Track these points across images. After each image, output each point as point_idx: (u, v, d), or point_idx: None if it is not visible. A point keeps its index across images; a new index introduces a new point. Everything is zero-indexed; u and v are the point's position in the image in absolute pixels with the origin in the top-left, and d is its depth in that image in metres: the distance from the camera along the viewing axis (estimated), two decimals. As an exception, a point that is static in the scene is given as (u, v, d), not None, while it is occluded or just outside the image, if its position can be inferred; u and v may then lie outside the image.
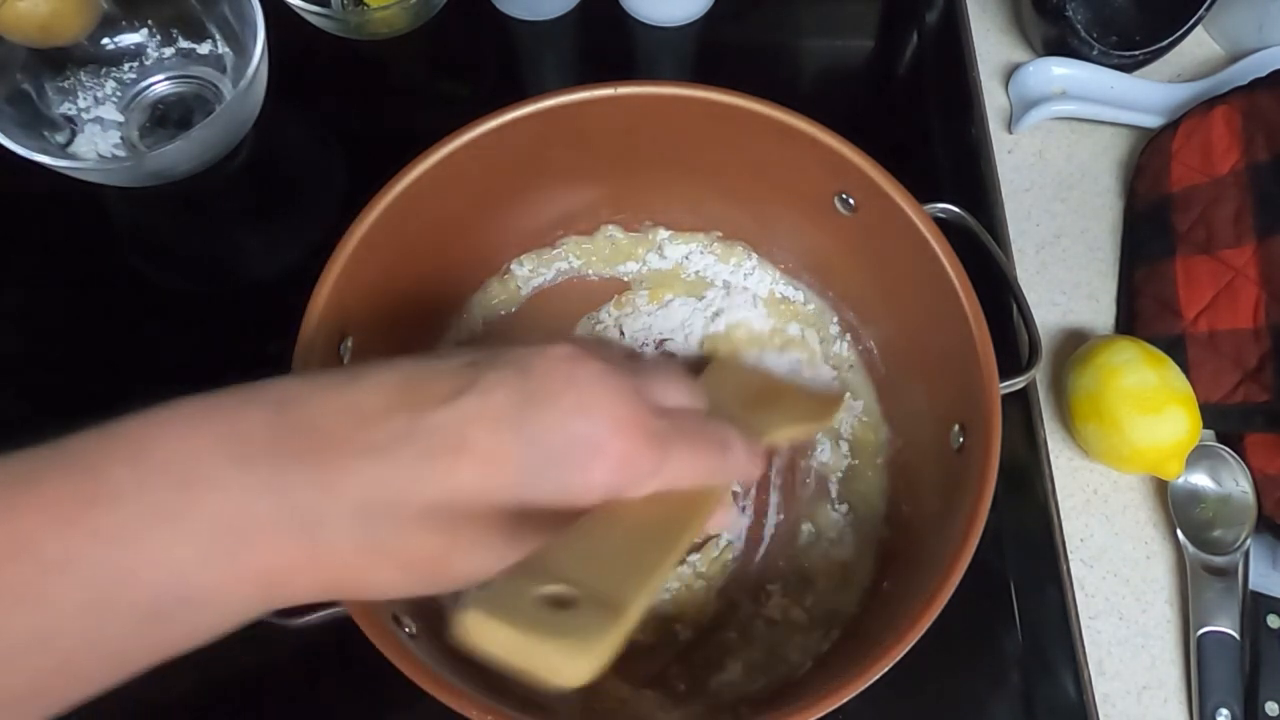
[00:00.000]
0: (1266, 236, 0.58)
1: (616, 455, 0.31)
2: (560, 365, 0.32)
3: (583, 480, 0.31)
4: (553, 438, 0.30)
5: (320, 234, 0.50)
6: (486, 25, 0.72)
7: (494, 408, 0.30)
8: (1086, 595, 0.56)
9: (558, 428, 0.31)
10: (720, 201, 0.58)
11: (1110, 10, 0.70)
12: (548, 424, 0.31)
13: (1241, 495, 0.57)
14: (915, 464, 0.53)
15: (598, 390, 0.31)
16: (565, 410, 0.31)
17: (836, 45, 0.74)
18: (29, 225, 0.65)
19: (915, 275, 0.50)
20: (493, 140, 0.50)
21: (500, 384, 0.31)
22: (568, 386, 0.31)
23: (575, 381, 0.31)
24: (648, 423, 0.32)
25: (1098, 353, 0.57)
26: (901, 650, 0.40)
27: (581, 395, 0.31)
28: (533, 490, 0.30)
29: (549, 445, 0.30)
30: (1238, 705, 0.52)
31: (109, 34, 0.65)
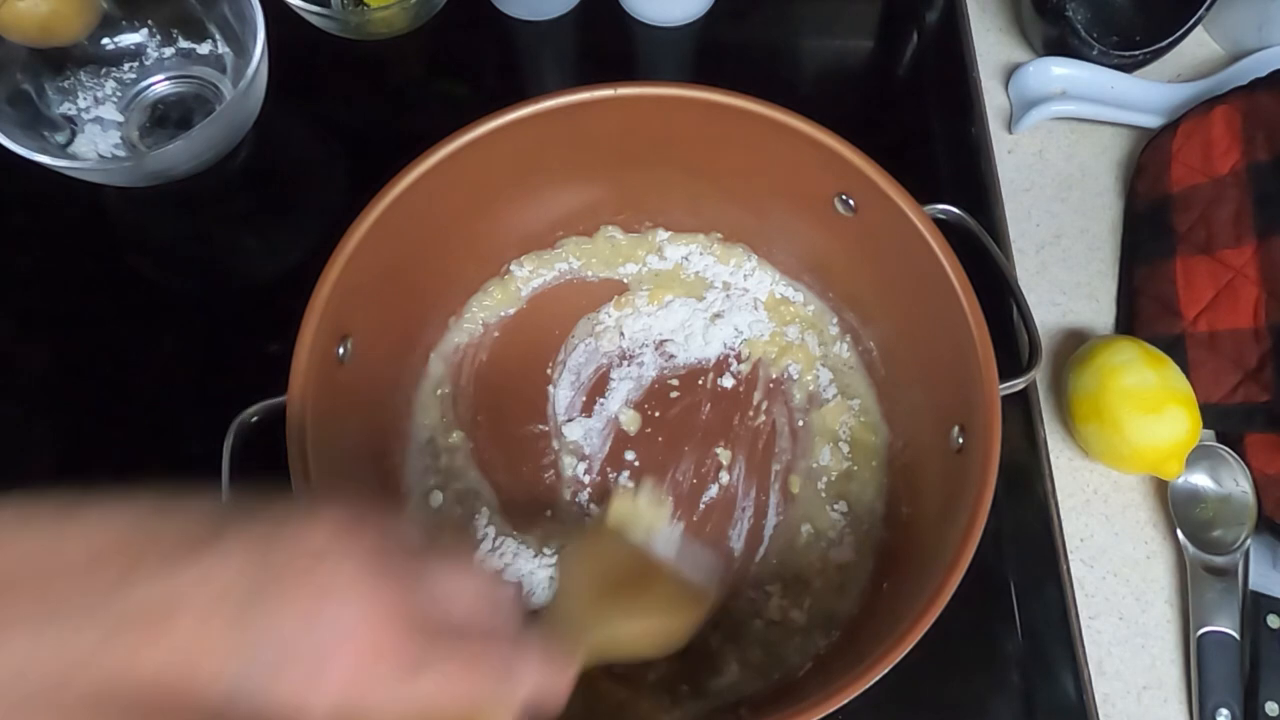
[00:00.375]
0: (1266, 236, 0.58)
1: (350, 668, 0.26)
2: (313, 543, 0.26)
3: (300, 695, 0.25)
4: (273, 636, 0.25)
5: (320, 234, 0.50)
6: (486, 25, 0.72)
7: (213, 586, 0.25)
8: (1086, 595, 0.56)
9: (282, 624, 0.25)
10: (720, 202, 0.58)
11: (1110, 10, 0.70)
12: (272, 617, 0.25)
13: (1241, 495, 0.57)
14: (915, 465, 0.53)
15: (346, 583, 0.26)
16: (301, 601, 0.26)
17: (836, 45, 0.74)
18: (29, 225, 0.65)
19: (915, 276, 0.50)
20: (493, 140, 0.50)
21: (233, 556, 0.26)
22: (311, 572, 0.26)
23: (322, 567, 0.26)
24: (400, 632, 0.26)
25: (1098, 353, 0.57)
26: (902, 651, 0.40)
27: (328, 585, 0.26)
28: (239, 696, 0.25)
29: (267, 644, 0.25)
30: (1238, 705, 0.52)
31: (109, 34, 0.65)
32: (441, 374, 0.58)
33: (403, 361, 0.56)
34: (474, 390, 0.58)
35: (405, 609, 0.27)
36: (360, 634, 0.26)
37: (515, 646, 0.30)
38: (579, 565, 0.43)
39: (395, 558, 0.28)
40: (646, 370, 0.59)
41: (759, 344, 0.59)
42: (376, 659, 0.26)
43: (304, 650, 0.25)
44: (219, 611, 0.25)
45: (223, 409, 0.47)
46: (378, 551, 0.27)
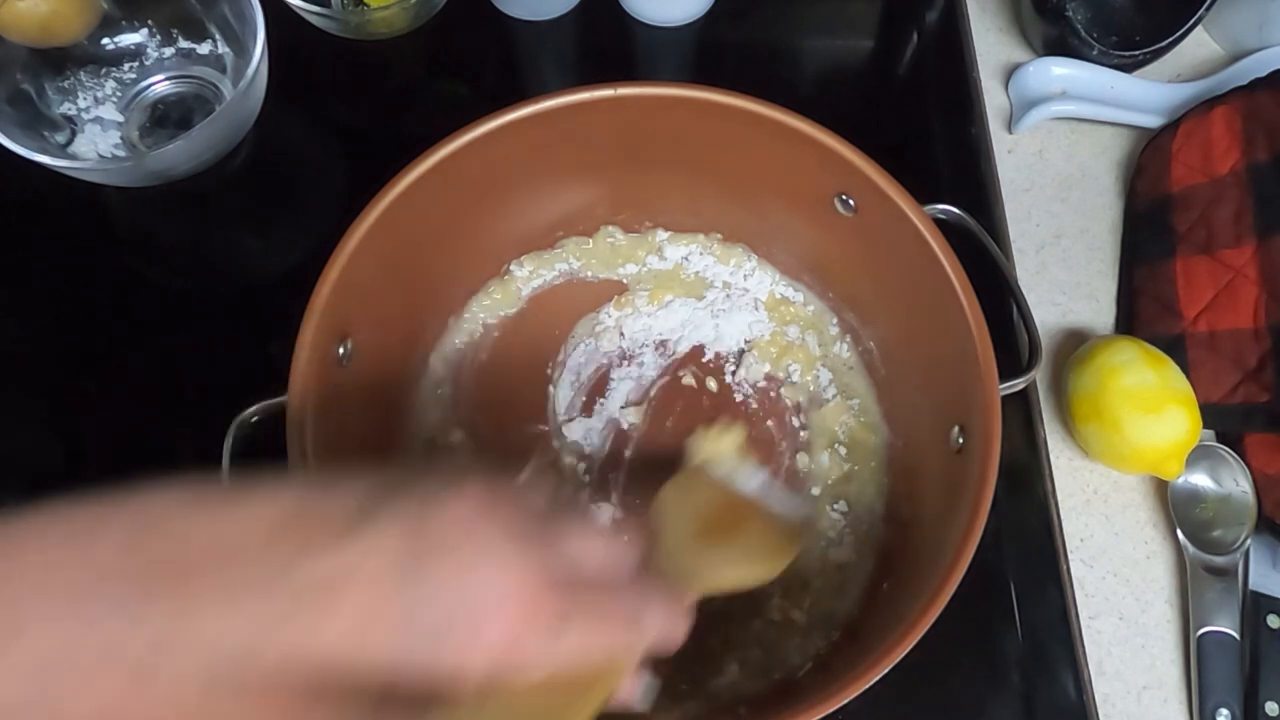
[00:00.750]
0: (1266, 236, 0.58)
1: (505, 629, 0.28)
2: (461, 516, 0.28)
3: (461, 656, 0.27)
4: (435, 604, 0.27)
5: (320, 234, 0.50)
6: (486, 25, 0.72)
7: (378, 557, 0.27)
8: (1086, 595, 0.56)
9: (442, 593, 0.27)
10: (720, 202, 0.58)
11: (1110, 10, 0.70)
12: (432, 586, 0.27)
13: (1241, 495, 0.57)
14: (915, 465, 0.53)
15: (496, 551, 0.28)
16: (457, 568, 0.28)
17: (836, 45, 0.74)
18: (29, 225, 0.65)
19: (915, 276, 0.50)
20: (493, 140, 0.50)
21: (390, 530, 0.28)
22: (463, 543, 0.28)
23: (473, 538, 0.28)
24: (546, 593, 0.29)
25: (1098, 353, 0.57)
26: (902, 651, 0.40)
27: (478, 552, 0.28)
28: (404, 660, 0.27)
29: (430, 612, 0.27)
30: (1238, 705, 0.52)
31: (109, 34, 0.65)
32: (442, 374, 0.58)
33: (403, 361, 0.56)
34: (474, 390, 0.58)
35: (547, 571, 0.29)
36: (512, 597, 0.28)
37: (639, 596, 0.32)
38: (676, 507, 0.44)
39: (533, 525, 0.30)
40: (647, 370, 0.59)
41: (759, 344, 0.59)
42: (527, 619, 0.28)
43: (462, 615, 0.27)
44: (384, 583, 0.27)
45: (223, 409, 0.47)
46: (517, 520, 0.29)
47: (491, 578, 0.28)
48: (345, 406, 0.48)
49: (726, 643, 0.51)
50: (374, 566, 0.27)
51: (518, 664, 0.28)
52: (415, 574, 0.27)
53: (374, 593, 0.27)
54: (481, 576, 0.28)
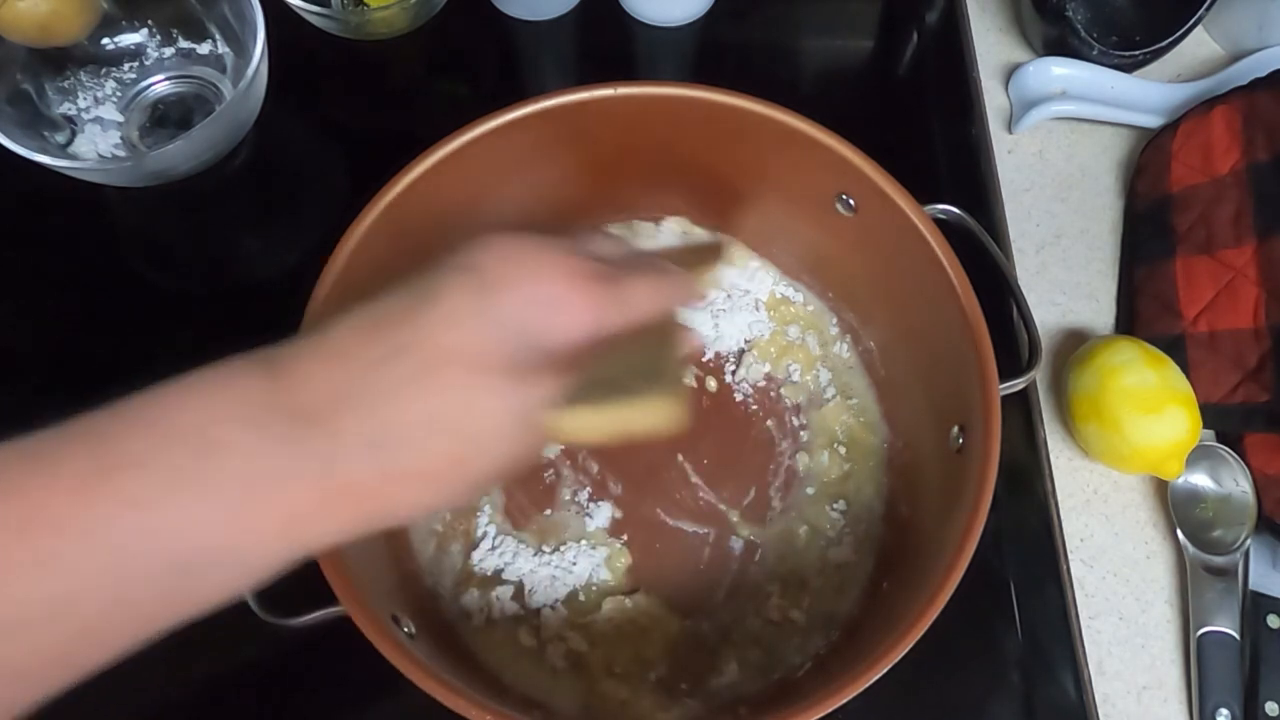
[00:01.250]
0: (1266, 236, 0.58)
1: (577, 301, 0.34)
2: (503, 250, 0.34)
3: (560, 332, 0.33)
4: (520, 311, 0.33)
5: (320, 234, 0.50)
6: (486, 25, 0.72)
7: (455, 307, 0.32)
8: (1086, 595, 0.56)
9: (520, 300, 0.33)
10: (720, 202, 0.58)
11: (1110, 10, 0.70)
12: (510, 301, 0.32)
13: (1241, 495, 0.57)
14: (915, 464, 0.53)
15: (542, 258, 0.34)
16: (520, 283, 0.33)
17: (836, 45, 0.74)
18: (29, 225, 0.65)
19: (915, 276, 0.50)
20: (492, 140, 0.50)
21: (453, 286, 0.33)
22: (515, 265, 0.33)
23: (521, 258, 0.34)
24: (594, 269, 0.35)
25: (1098, 353, 0.57)
26: (901, 651, 0.40)
27: (529, 267, 0.33)
28: (518, 359, 0.32)
29: (520, 318, 0.32)
30: (1238, 705, 0.52)
31: (109, 34, 0.65)
32: (441, 374, 0.58)
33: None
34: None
35: (588, 261, 0.35)
36: (571, 281, 0.34)
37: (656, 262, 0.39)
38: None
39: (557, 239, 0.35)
40: (646, 370, 0.59)
41: (759, 344, 0.59)
42: (590, 289, 0.34)
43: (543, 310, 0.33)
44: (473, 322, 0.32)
45: (222, 409, 0.47)
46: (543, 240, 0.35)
47: (549, 273, 0.33)
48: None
49: (726, 642, 0.51)
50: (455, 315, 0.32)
51: (603, 316, 0.34)
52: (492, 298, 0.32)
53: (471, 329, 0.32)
54: (541, 276, 0.33)
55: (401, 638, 0.42)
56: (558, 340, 0.33)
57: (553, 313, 0.33)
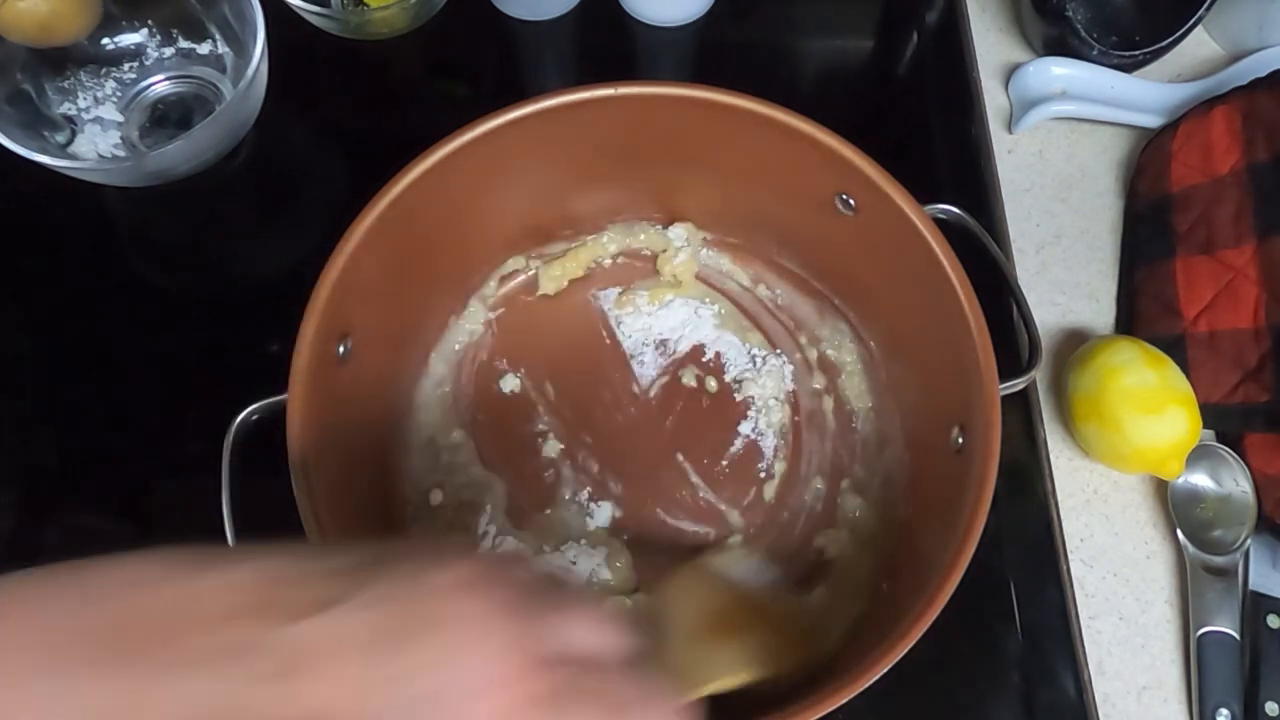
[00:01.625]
0: (1266, 236, 0.58)
1: (489, 713, 0.26)
2: (449, 588, 0.27)
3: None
4: (419, 680, 0.26)
5: (320, 234, 0.50)
6: (486, 25, 0.72)
7: (354, 633, 0.26)
8: (1086, 595, 0.56)
9: (427, 669, 0.26)
10: (720, 201, 0.58)
11: (1110, 10, 0.70)
12: (417, 662, 0.26)
13: (1241, 495, 0.57)
14: (915, 464, 0.53)
15: (484, 628, 0.27)
16: (440, 648, 0.26)
17: (836, 45, 0.74)
18: (29, 225, 0.65)
19: (915, 276, 0.50)
20: (493, 139, 0.50)
21: (374, 605, 0.26)
22: (450, 617, 0.27)
23: (461, 613, 0.27)
24: (536, 674, 0.27)
25: (1098, 353, 0.57)
26: (901, 650, 0.40)
27: (464, 631, 0.27)
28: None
29: (413, 688, 0.26)
30: (1238, 705, 0.52)
31: (109, 34, 0.65)
32: (442, 373, 0.58)
33: (403, 360, 0.56)
34: (474, 389, 0.58)
35: (538, 650, 0.27)
36: (499, 677, 0.26)
37: (636, 684, 0.30)
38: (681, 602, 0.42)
39: (525, 600, 0.28)
40: (646, 370, 0.59)
41: (758, 344, 0.59)
42: (515, 701, 0.27)
43: (447, 694, 0.26)
44: (368, 654, 0.26)
45: (223, 409, 0.47)
46: (508, 595, 0.28)
47: (479, 656, 0.27)
48: (345, 405, 0.48)
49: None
50: (358, 636, 0.26)
51: None
52: (400, 647, 0.26)
53: (357, 663, 0.26)
54: (469, 654, 0.26)
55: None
56: None
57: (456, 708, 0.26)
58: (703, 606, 0.42)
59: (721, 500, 0.56)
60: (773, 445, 0.57)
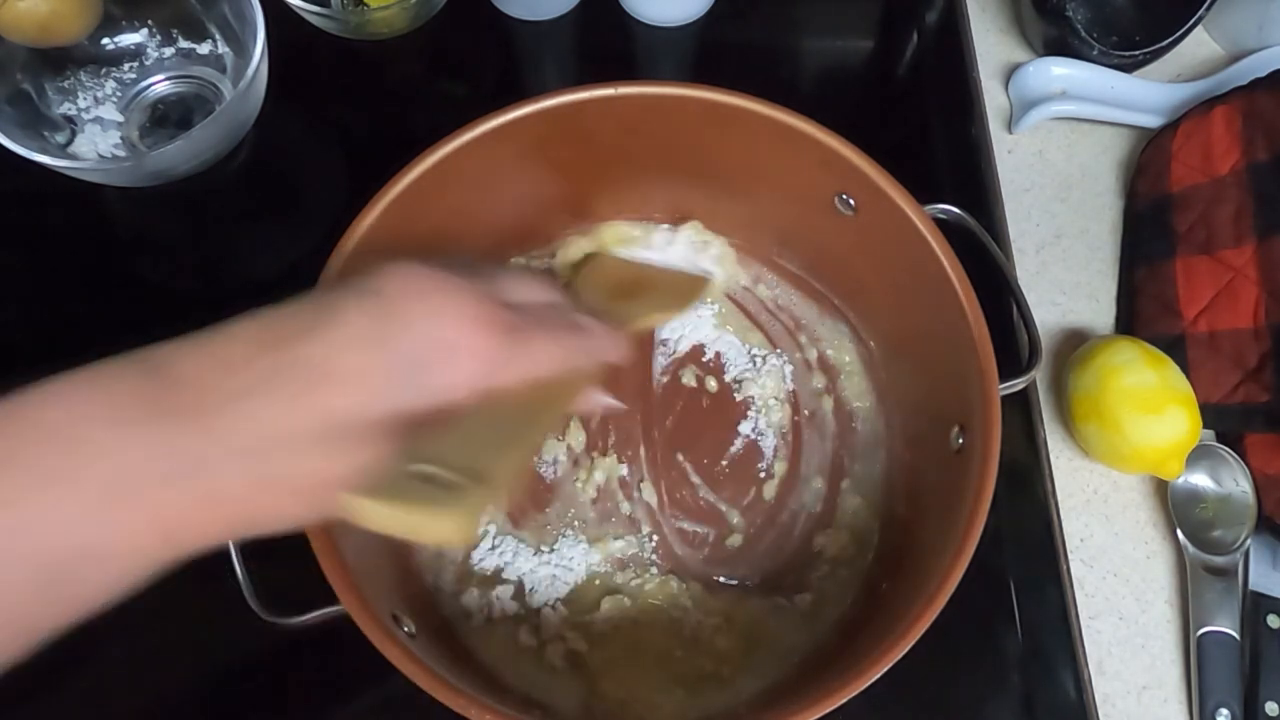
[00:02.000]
0: (1266, 236, 0.58)
1: (473, 349, 0.33)
2: (409, 281, 0.34)
3: (448, 378, 0.33)
4: (413, 347, 0.32)
5: (320, 234, 0.50)
6: (486, 25, 0.72)
7: (353, 331, 0.32)
8: (1086, 595, 0.56)
9: (416, 337, 0.33)
10: (720, 201, 0.58)
11: (1110, 10, 0.70)
12: (406, 336, 0.32)
13: (1241, 495, 0.57)
14: (915, 464, 0.53)
15: (447, 296, 0.33)
16: (420, 319, 0.33)
17: (836, 45, 0.74)
18: (29, 225, 0.65)
19: (915, 276, 0.50)
20: (493, 139, 0.50)
21: (354, 310, 0.33)
22: (419, 298, 0.33)
23: (425, 293, 0.33)
24: (499, 316, 0.34)
25: (1098, 353, 0.57)
26: (901, 650, 0.40)
27: (432, 303, 0.33)
28: (404, 398, 0.32)
29: (411, 354, 0.32)
30: (1238, 705, 0.52)
31: (109, 34, 0.65)
32: (441, 374, 0.58)
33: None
34: (474, 390, 0.58)
35: (495, 306, 0.34)
36: (473, 324, 0.33)
37: (576, 315, 0.39)
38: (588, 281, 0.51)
39: (469, 276, 0.35)
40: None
41: (758, 343, 0.59)
42: (491, 338, 0.34)
43: (437, 351, 0.33)
44: (364, 349, 0.32)
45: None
46: (457, 276, 0.34)
47: (452, 314, 0.33)
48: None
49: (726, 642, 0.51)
50: (352, 337, 0.32)
51: (492, 372, 0.34)
52: (389, 329, 0.32)
53: (360, 354, 0.32)
54: (444, 316, 0.33)
55: (402, 637, 0.42)
56: (445, 385, 0.33)
57: (446, 357, 0.33)
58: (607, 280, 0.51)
59: (721, 500, 0.56)
60: (773, 445, 0.57)
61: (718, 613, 0.52)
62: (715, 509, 0.55)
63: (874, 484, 0.55)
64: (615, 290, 0.50)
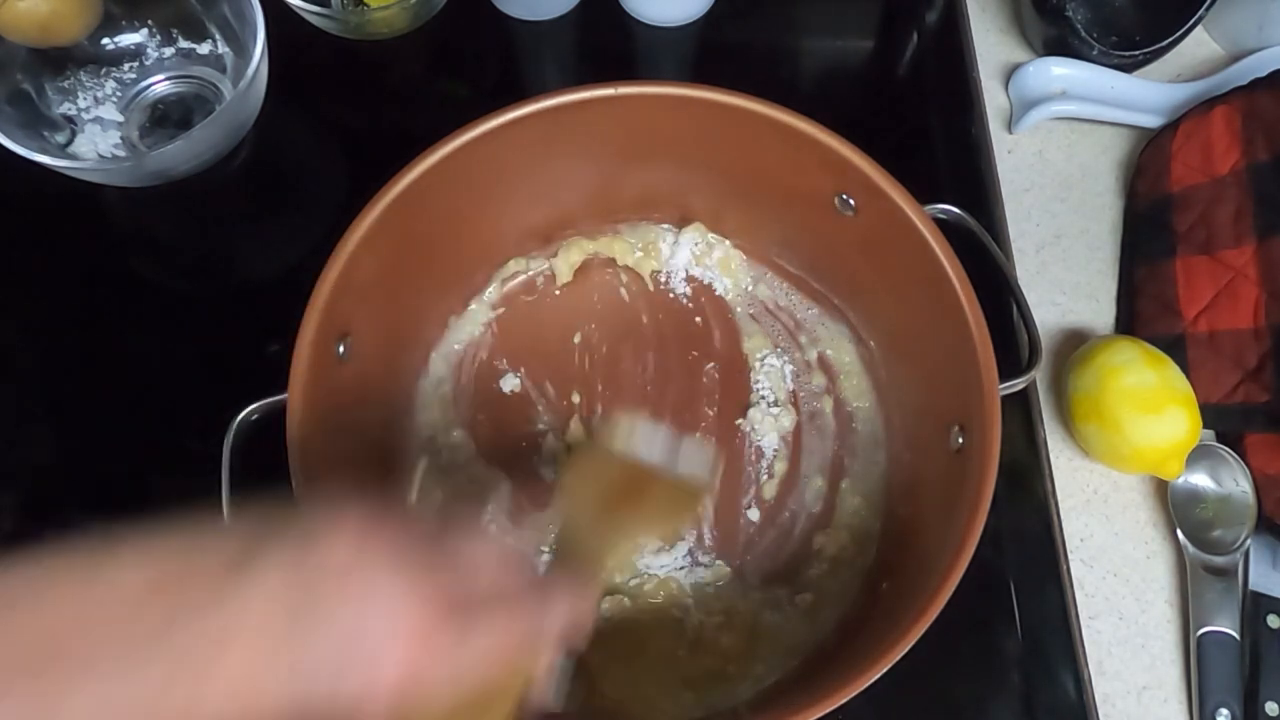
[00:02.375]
0: (1266, 237, 0.58)
1: (403, 658, 0.27)
2: (343, 549, 0.28)
3: (362, 693, 0.27)
4: (327, 645, 0.27)
5: (320, 234, 0.50)
6: (486, 25, 0.72)
7: (261, 608, 0.26)
8: (1086, 595, 0.56)
9: (332, 633, 0.27)
10: (720, 201, 0.58)
11: (1110, 10, 0.70)
12: (321, 627, 0.27)
13: (1241, 495, 0.57)
14: (915, 464, 0.53)
15: (383, 582, 0.28)
16: (342, 609, 0.27)
17: (836, 45, 0.74)
18: (29, 225, 0.65)
19: (915, 275, 0.50)
20: (493, 139, 0.50)
21: (272, 576, 0.27)
22: (348, 578, 0.27)
23: (358, 572, 0.28)
24: (440, 616, 0.28)
25: (1098, 353, 0.57)
26: (901, 650, 0.40)
27: (364, 589, 0.27)
28: (309, 698, 0.27)
29: (322, 654, 0.27)
30: (1238, 705, 0.52)
31: (109, 34, 0.65)
32: (442, 372, 0.58)
33: (403, 360, 0.56)
34: (474, 389, 0.58)
35: (437, 591, 0.28)
36: (404, 627, 0.27)
37: (538, 595, 0.32)
38: (576, 488, 0.44)
39: (419, 546, 0.29)
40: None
41: (758, 343, 0.59)
42: (423, 643, 0.28)
43: (356, 653, 0.27)
44: (268, 635, 0.26)
45: (223, 409, 0.47)
46: (402, 545, 0.29)
47: (381, 610, 0.27)
48: (345, 405, 0.48)
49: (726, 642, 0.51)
50: (258, 615, 0.26)
51: (421, 691, 0.28)
52: (302, 617, 0.27)
53: (261, 643, 0.26)
54: (371, 610, 0.27)
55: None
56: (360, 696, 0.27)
57: (369, 658, 0.27)
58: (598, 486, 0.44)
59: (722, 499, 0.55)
60: (773, 445, 0.57)
61: (719, 611, 0.52)
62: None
63: (874, 484, 0.55)
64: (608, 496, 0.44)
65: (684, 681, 0.50)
